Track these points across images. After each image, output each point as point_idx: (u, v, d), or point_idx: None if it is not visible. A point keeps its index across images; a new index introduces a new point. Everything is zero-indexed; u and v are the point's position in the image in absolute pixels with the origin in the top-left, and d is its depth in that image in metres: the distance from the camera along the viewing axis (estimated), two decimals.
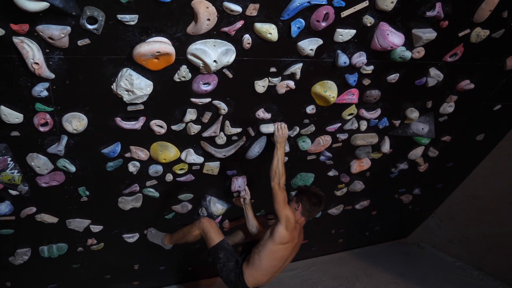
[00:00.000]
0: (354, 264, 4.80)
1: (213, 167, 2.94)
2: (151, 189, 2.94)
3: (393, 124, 3.26)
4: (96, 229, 3.05)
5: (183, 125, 2.54)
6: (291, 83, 2.53)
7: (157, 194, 2.98)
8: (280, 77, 2.48)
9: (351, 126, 3.09)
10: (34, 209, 2.69)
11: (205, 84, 2.32)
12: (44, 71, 1.92)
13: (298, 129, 2.94)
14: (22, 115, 2.12)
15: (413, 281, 4.48)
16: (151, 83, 2.18)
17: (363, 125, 3.12)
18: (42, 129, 2.21)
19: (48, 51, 1.89)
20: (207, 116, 2.54)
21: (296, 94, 2.62)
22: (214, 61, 2.13)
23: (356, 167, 3.56)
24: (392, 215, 4.78)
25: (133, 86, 2.11)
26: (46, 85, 2.02)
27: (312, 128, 2.97)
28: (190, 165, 2.87)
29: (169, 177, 2.88)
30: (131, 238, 3.28)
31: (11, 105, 2.07)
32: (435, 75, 2.87)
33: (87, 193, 2.75)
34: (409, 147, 3.66)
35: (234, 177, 3.11)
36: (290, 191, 3.45)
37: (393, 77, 2.77)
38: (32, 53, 1.83)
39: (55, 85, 2.04)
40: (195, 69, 2.22)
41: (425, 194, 4.48)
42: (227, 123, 2.65)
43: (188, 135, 2.62)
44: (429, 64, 2.82)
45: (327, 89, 2.63)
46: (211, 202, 3.24)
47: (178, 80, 2.24)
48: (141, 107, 2.31)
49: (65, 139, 2.33)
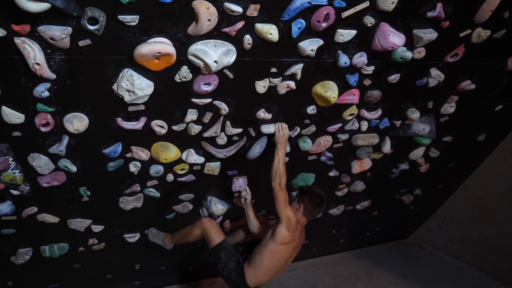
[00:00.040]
0: (355, 264, 4.79)
1: (214, 167, 2.94)
2: (152, 189, 2.94)
3: (394, 124, 3.26)
4: (97, 229, 3.05)
5: (184, 125, 2.55)
6: (291, 84, 2.53)
7: (158, 194, 2.98)
8: (280, 78, 2.48)
9: (352, 127, 3.09)
10: (35, 209, 2.70)
11: (205, 84, 2.32)
12: (46, 72, 1.93)
13: (298, 129, 2.93)
14: (23, 115, 2.12)
15: (414, 281, 4.47)
16: (152, 83, 2.19)
17: (364, 125, 3.12)
18: (43, 129, 2.21)
19: (49, 51, 1.89)
20: (207, 117, 2.54)
21: (297, 95, 2.62)
22: (215, 61, 2.13)
23: (357, 167, 3.56)
24: (393, 216, 4.77)
25: (134, 87, 2.11)
26: (48, 85, 2.03)
27: (312, 129, 2.97)
28: (191, 165, 2.87)
29: (170, 177, 2.88)
30: (132, 238, 3.29)
31: (13, 106, 2.07)
32: (436, 75, 2.86)
33: (88, 193, 2.75)
34: (410, 147, 3.65)
35: (235, 177, 3.11)
36: (291, 191, 3.45)
37: (394, 77, 2.77)
38: (34, 53, 1.83)
39: (56, 85, 2.05)
40: (195, 69, 2.22)
41: (426, 194, 4.47)
42: (227, 123, 2.65)
43: (189, 136, 2.63)
44: (430, 65, 2.81)
45: (327, 90, 2.63)
46: (212, 202, 3.24)
47: (179, 81, 2.25)
48: (142, 107, 2.31)
49: (66, 139, 2.33)
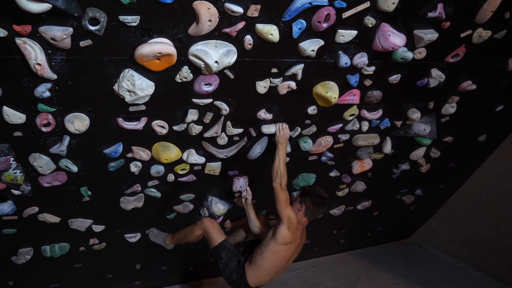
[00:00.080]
0: (356, 264, 4.79)
1: (214, 168, 2.94)
2: (152, 189, 2.94)
3: (395, 124, 3.26)
4: (98, 229, 3.06)
5: (185, 125, 2.55)
6: (292, 84, 2.53)
7: (158, 194, 2.99)
8: (281, 78, 2.48)
9: (353, 127, 3.09)
10: (36, 209, 2.70)
11: (206, 84, 2.32)
12: (47, 72, 1.93)
13: (299, 129, 2.93)
14: (24, 115, 2.13)
15: (415, 281, 4.47)
16: (153, 83, 2.19)
17: (365, 125, 3.12)
18: (44, 129, 2.22)
19: (50, 52, 1.90)
20: (208, 117, 2.54)
21: (298, 95, 2.62)
22: (216, 62, 2.13)
23: (358, 167, 3.56)
24: (394, 216, 4.76)
25: (135, 87, 2.12)
26: (49, 85, 2.03)
27: (313, 129, 2.97)
28: (192, 165, 2.87)
29: (170, 177, 2.89)
30: (133, 238, 3.29)
31: (14, 106, 2.08)
32: (436, 75, 2.86)
33: (89, 193, 2.76)
34: (410, 147, 3.65)
35: (235, 177, 3.11)
36: (292, 192, 3.45)
37: (394, 78, 2.77)
38: (35, 54, 1.83)
39: (57, 85, 2.05)
40: (196, 70, 2.22)
41: (427, 194, 4.47)
42: (228, 123, 2.65)
43: (189, 136, 2.63)
44: (431, 65, 2.81)
45: (328, 90, 2.63)
46: (213, 202, 3.24)
47: (180, 81, 2.25)
48: (143, 107, 2.32)
49: (67, 139, 2.34)
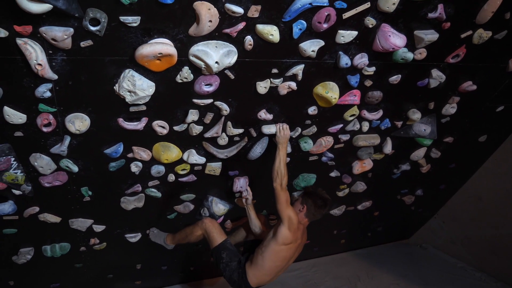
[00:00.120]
0: (356, 264, 4.79)
1: (215, 168, 2.95)
2: (153, 189, 2.95)
3: (395, 125, 3.26)
4: (99, 228, 3.06)
5: (185, 125, 2.55)
6: (292, 84, 2.53)
7: (159, 194, 2.99)
8: (281, 78, 2.48)
9: (353, 127, 3.09)
10: (37, 209, 2.71)
11: (207, 85, 2.32)
12: (47, 72, 1.94)
13: (300, 130, 2.94)
14: (25, 115, 2.13)
15: (415, 282, 4.47)
16: (153, 84, 2.19)
17: (365, 126, 3.12)
18: (45, 129, 2.22)
19: (51, 52, 1.90)
20: (209, 117, 2.55)
21: (298, 95, 2.62)
22: (216, 62, 2.13)
23: (358, 168, 3.56)
24: (394, 216, 4.76)
25: (135, 87, 2.12)
26: (49, 86, 2.04)
27: (314, 129, 2.97)
28: (192, 165, 2.87)
29: (171, 177, 2.89)
30: (134, 238, 3.29)
31: (15, 106, 2.08)
32: (437, 76, 2.86)
33: (90, 193, 2.76)
34: (411, 148, 3.65)
35: (236, 177, 3.12)
36: (292, 192, 3.46)
37: (395, 78, 2.77)
38: (35, 54, 1.84)
39: (58, 86, 2.06)
40: (197, 70, 2.22)
41: (427, 195, 4.47)
42: (229, 124, 2.66)
43: (190, 136, 2.63)
44: (431, 66, 2.81)
45: (328, 90, 2.63)
46: (213, 202, 3.24)
47: (180, 81, 2.25)
48: (143, 108, 2.32)
49: (68, 140, 2.34)
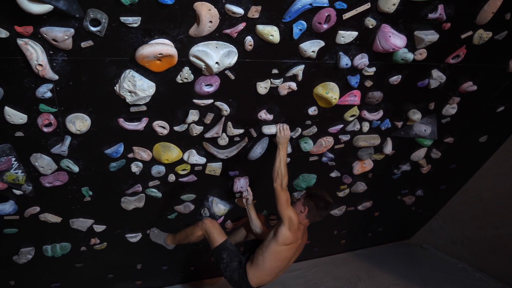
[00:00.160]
0: (357, 265, 4.79)
1: (215, 168, 2.95)
2: (153, 190, 2.95)
3: (396, 125, 3.26)
4: (99, 228, 3.07)
5: (186, 126, 2.55)
6: (293, 85, 2.53)
7: (159, 195, 2.99)
8: (282, 79, 2.48)
9: (353, 128, 3.09)
10: (37, 209, 2.71)
11: (207, 85, 2.33)
12: (48, 73, 1.94)
13: (300, 130, 2.94)
14: (26, 115, 2.14)
15: (416, 282, 4.47)
16: (154, 84, 2.20)
17: (365, 126, 3.12)
18: (45, 129, 2.23)
19: (52, 52, 1.91)
20: (209, 117, 2.55)
21: (298, 96, 2.62)
22: (216, 62, 2.14)
23: (359, 168, 3.56)
24: (394, 217, 4.76)
25: (136, 88, 2.12)
26: (50, 86, 2.04)
27: (314, 130, 2.97)
28: (193, 165, 2.88)
29: (171, 177, 2.89)
30: (134, 238, 3.30)
31: (15, 106, 2.09)
32: (437, 76, 2.86)
33: (90, 193, 2.76)
34: (411, 148, 3.65)
35: (236, 177, 3.12)
36: (293, 192, 3.46)
37: (395, 78, 2.77)
38: (36, 54, 1.84)
39: (58, 86, 2.06)
40: (197, 70, 2.23)
41: (428, 195, 4.46)
42: (229, 124, 2.66)
43: (190, 136, 2.64)
44: (432, 66, 2.81)
45: (329, 91, 2.64)
46: (214, 202, 3.24)
47: (181, 82, 2.26)
48: (144, 108, 2.32)
49: (68, 140, 2.34)
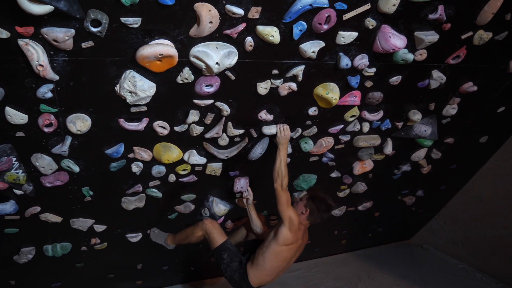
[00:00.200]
0: (357, 265, 4.79)
1: (215, 168, 2.95)
2: (154, 190, 2.95)
3: (396, 126, 3.26)
4: (100, 228, 3.07)
5: (186, 126, 2.56)
6: (293, 85, 2.53)
7: (160, 195, 3.00)
8: (282, 79, 2.48)
9: (354, 128, 3.09)
10: (38, 209, 2.72)
11: (207, 86, 2.33)
12: (49, 73, 1.95)
13: (300, 130, 2.94)
14: (27, 116, 2.14)
15: (416, 282, 4.47)
16: (154, 84, 2.20)
17: (366, 127, 3.12)
18: (46, 129, 2.23)
19: (52, 53, 1.91)
20: (209, 118, 2.55)
21: (298, 96, 2.63)
22: (217, 63, 2.14)
23: (359, 168, 3.56)
24: (395, 217, 4.76)
25: (136, 88, 2.13)
26: (51, 86, 2.05)
27: (314, 130, 2.97)
28: (193, 166, 2.88)
29: (172, 177, 2.90)
30: (134, 237, 3.30)
31: (16, 106, 2.09)
32: (437, 77, 2.86)
33: (91, 193, 2.77)
34: (412, 149, 3.64)
35: (236, 178, 3.12)
36: (293, 192, 3.46)
37: (395, 79, 2.77)
38: (37, 55, 1.85)
39: (59, 86, 2.07)
40: (197, 71, 2.23)
41: (428, 196, 4.46)
42: (229, 124, 2.66)
43: (190, 136, 2.64)
44: (432, 67, 2.81)
45: (329, 91, 2.64)
46: (214, 202, 3.25)
47: (181, 82, 2.26)
48: (144, 108, 2.33)
49: (69, 140, 2.35)
